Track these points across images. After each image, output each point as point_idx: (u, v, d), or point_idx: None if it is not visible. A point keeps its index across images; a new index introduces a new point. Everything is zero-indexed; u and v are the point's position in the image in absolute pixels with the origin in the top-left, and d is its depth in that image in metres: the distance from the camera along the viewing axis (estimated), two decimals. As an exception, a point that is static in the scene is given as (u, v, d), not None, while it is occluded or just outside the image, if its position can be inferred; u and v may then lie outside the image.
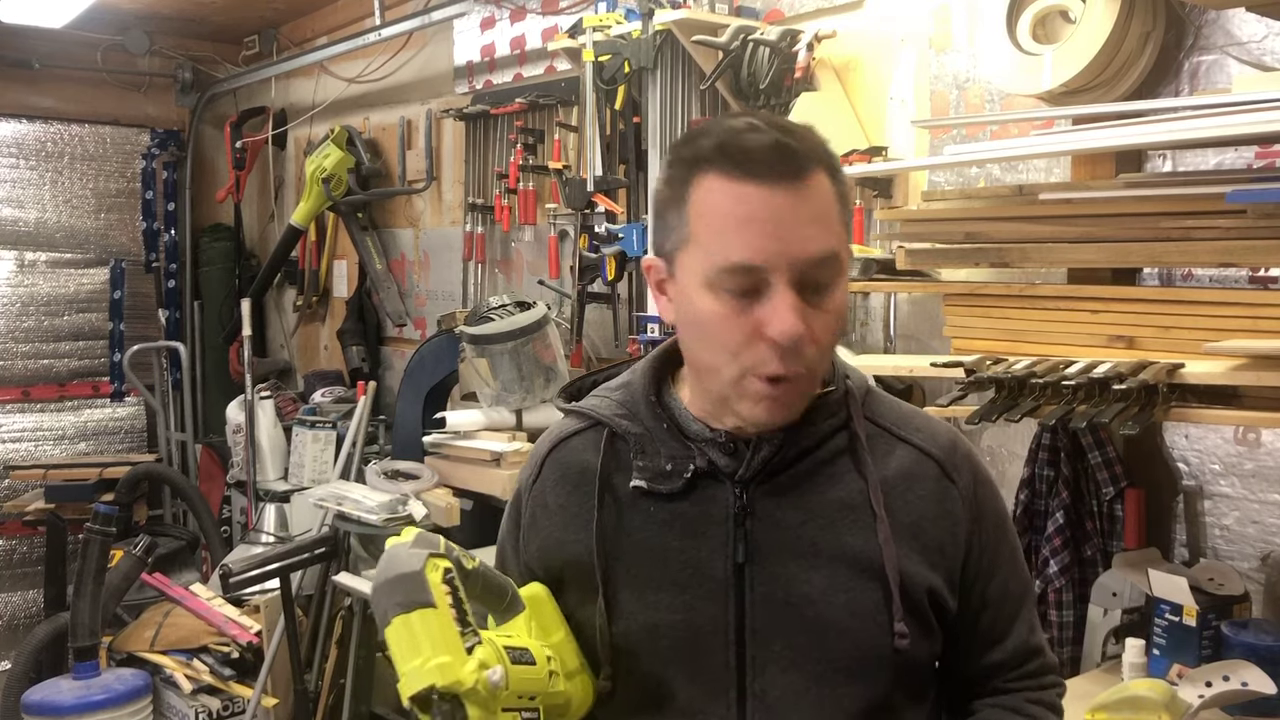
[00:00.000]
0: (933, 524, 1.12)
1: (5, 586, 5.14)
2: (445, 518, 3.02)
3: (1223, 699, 1.65)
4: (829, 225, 1.02)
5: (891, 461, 1.13)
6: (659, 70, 2.90)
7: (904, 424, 1.17)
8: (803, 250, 0.99)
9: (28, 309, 5.25)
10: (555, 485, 1.19)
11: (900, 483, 1.12)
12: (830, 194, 1.03)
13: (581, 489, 1.16)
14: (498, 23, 3.85)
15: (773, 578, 1.09)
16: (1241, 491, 2.02)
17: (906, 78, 2.55)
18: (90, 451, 5.32)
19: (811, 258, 1.00)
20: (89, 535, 3.49)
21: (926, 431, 1.17)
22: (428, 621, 0.96)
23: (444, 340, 3.57)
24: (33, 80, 5.19)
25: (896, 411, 1.19)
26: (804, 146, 1.02)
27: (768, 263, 0.99)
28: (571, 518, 1.16)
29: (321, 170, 4.47)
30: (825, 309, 1.02)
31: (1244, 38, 2.01)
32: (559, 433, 1.22)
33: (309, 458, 4.11)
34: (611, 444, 1.16)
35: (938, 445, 1.16)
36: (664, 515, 1.12)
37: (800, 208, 0.99)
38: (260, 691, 3.35)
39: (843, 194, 1.05)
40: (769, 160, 0.99)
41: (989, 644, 1.18)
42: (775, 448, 1.10)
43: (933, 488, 1.13)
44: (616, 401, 1.18)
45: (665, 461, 1.12)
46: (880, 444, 1.14)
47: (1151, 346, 1.89)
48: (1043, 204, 2.03)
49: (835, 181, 1.04)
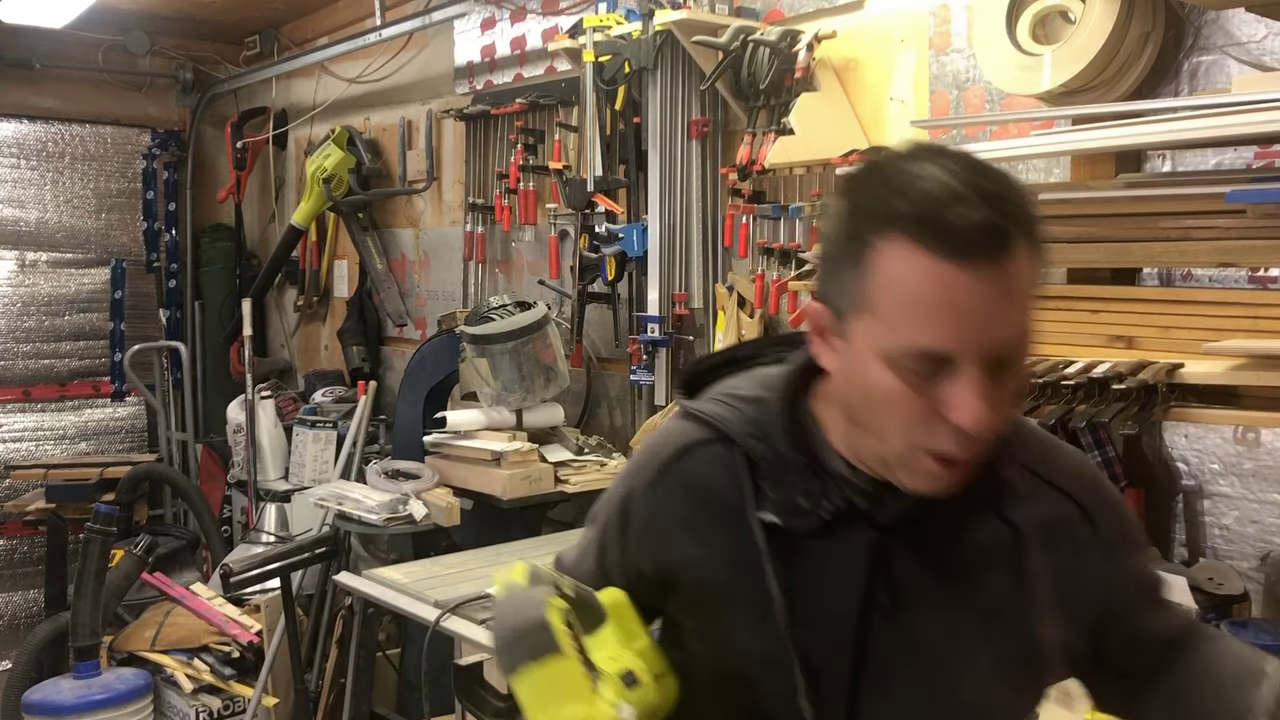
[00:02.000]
0: (1070, 572, 1.06)
1: (6, 586, 5.14)
2: (445, 518, 3.02)
3: (1222, 698, 1.65)
4: (1025, 303, 0.92)
5: (1033, 506, 1.05)
6: (659, 70, 2.90)
7: (1045, 463, 1.08)
8: (996, 336, 0.90)
9: (29, 309, 5.26)
10: (680, 496, 1.10)
11: (1042, 530, 1.05)
12: (1029, 266, 0.91)
13: (707, 508, 1.08)
14: (498, 23, 3.85)
15: (902, 628, 1.03)
16: (1241, 491, 2.02)
17: (906, 78, 2.55)
18: (91, 451, 5.32)
19: (1005, 341, 0.91)
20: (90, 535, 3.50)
21: (1069, 472, 1.10)
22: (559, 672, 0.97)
23: (444, 340, 3.57)
24: (33, 80, 5.19)
25: (1037, 446, 1.10)
26: (1010, 218, 0.90)
27: (960, 349, 0.90)
28: (700, 535, 1.09)
29: (322, 170, 4.48)
30: (1008, 386, 0.93)
31: (1243, 38, 2.01)
32: (683, 439, 1.12)
33: (309, 457, 4.11)
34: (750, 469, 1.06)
35: (1079, 487, 1.09)
36: (790, 550, 1.04)
37: (1002, 292, 0.89)
38: (261, 691, 3.36)
39: (1039, 257, 0.93)
40: (975, 241, 0.88)
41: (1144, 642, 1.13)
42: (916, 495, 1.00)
43: (1073, 534, 1.07)
44: (750, 419, 1.08)
45: (800, 496, 1.03)
46: (1024, 488, 1.05)
47: (1151, 346, 1.89)
48: (1042, 204, 2.03)
49: (1033, 246, 0.92)
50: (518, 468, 2.99)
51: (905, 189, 0.90)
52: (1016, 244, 0.89)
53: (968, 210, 0.88)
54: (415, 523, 3.00)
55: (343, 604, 3.36)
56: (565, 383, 3.20)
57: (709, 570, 1.07)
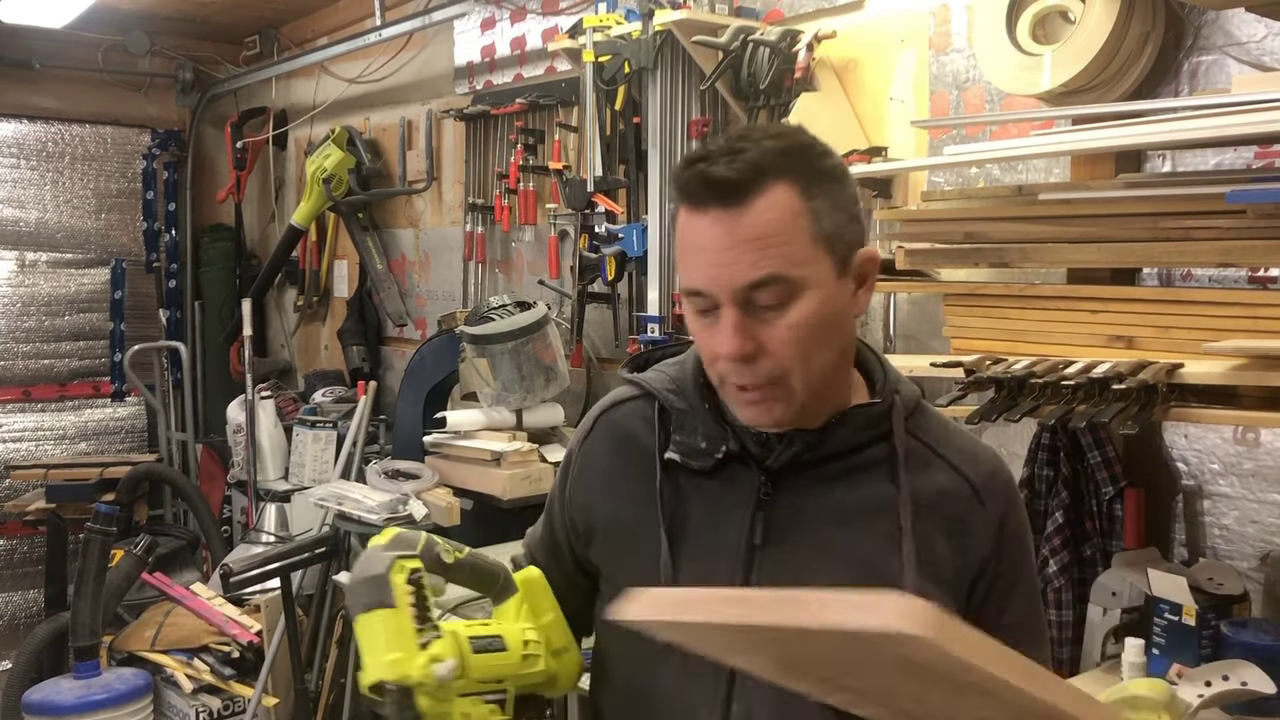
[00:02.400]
0: (949, 544, 1.12)
1: (5, 586, 5.14)
2: (445, 517, 3.02)
3: (1222, 699, 1.65)
4: (771, 247, 1.03)
5: (925, 478, 1.14)
6: (659, 70, 2.90)
7: (946, 443, 1.17)
8: (735, 277, 1.03)
9: (28, 309, 5.26)
10: (603, 445, 1.26)
11: (928, 499, 1.13)
12: (785, 210, 1.03)
13: (625, 454, 1.22)
14: (498, 23, 3.85)
15: (781, 565, 1.12)
16: (1241, 491, 2.02)
17: (906, 78, 2.55)
18: (91, 451, 5.32)
19: (747, 283, 1.03)
20: (89, 535, 3.49)
21: (968, 454, 1.17)
22: (385, 621, 1.06)
23: (444, 340, 3.57)
24: (33, 80, 5.19)
25: (943, 430, 1.19)
26: (752, 168, 1.03)
27: (711, 288, 1.05)
28: (616, 480, 1.22)
29: (322, 170, 4.48)
30: (780, 324, 1.04)
31: (1243, 38, 2.01)
32: (614, 397, 1.29)
33: (309, 457, 4.11)
34: (663, 417, 1.21)
35: (976, 469, 1.16)
36: (691, 490, 1.17)
37: (736, 233, 1.03)
38: (261, 691, 3.36)
39: (817, 205, 1.05)
40: (705, 190, 1.04)
41: None
42: (807, 445, 1.12)
43: (959, 509, 1.13)
44: (670, 377, 1.23)
45: (701, 440, 1.16)
46: (918, 459, 1.15)
47: (1151, 346, 1.89)
48: (1042, 204, 2.03)
49: (805, 193, 1.04)
50: (518, 468, 2.99)
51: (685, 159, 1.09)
52: (759, 190, 1.03)
53: (705, 165, 1.04)
54: (415, 523, 3.00)
55: (343, 604, 3.35)
56: (565, 383, 3.20)
57: (619, 510, 1.21)
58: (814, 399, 1.10)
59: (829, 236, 1.06)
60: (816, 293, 1.05)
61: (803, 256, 1.04)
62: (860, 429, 1.13)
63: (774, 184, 1.03)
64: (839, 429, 1.13)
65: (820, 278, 1.05)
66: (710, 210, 1.04)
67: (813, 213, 1.05)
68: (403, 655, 1.05)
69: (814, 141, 1.10)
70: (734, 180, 1.03)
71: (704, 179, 1.04)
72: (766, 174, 1.03)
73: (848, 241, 1.08)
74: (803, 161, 1.06)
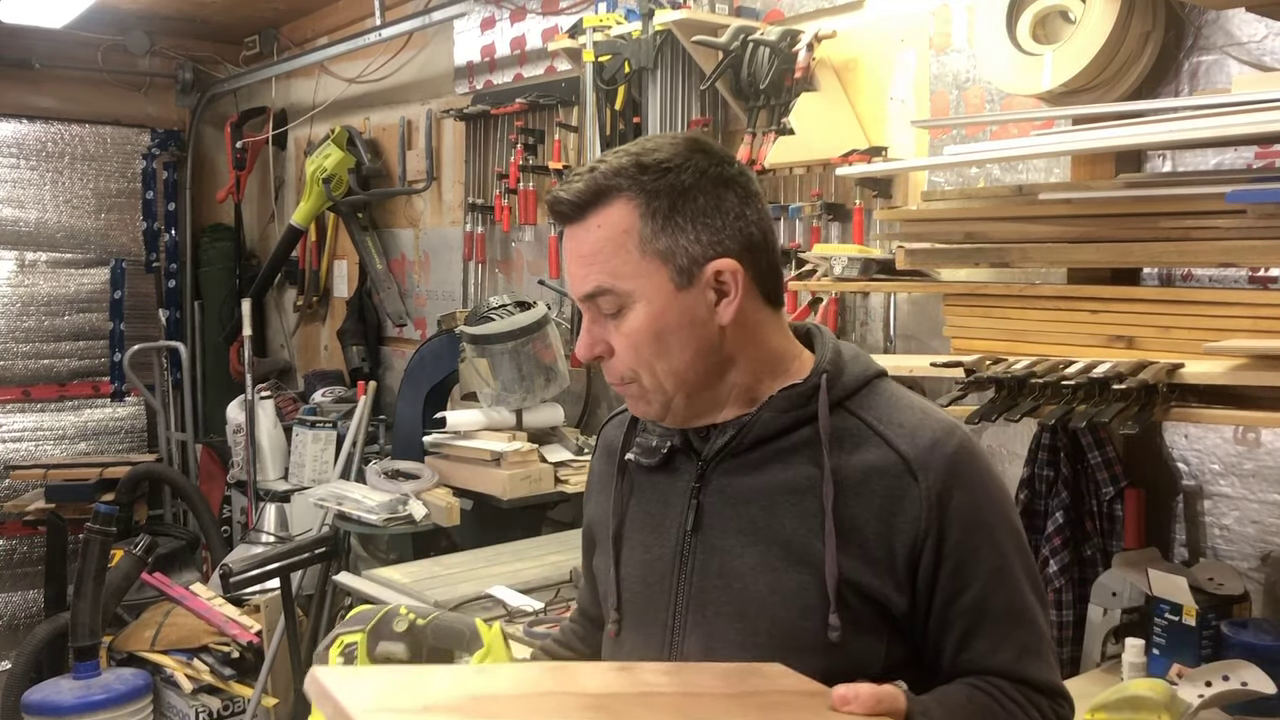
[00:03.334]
0: (880, 522, 1.10)
1: (5, 586, 5.14)
2: (445, 518, 3.02)
3: (1222, 699, 1.65)
4: (596, 262, 1.13)
5: (856, 456, 1.12)
6: (659, 70, 2.90)
7: (887, 420, 1.14)
8: (577, 289, 1.16)
9: (28, 309, 5.25)
10: (598, 458, 1.36)
11: (856, 477, 1.11)
12: (613, 229, 1.12)
13: (608, 462, 1.31)
14: (498, 23, 3.85)
15: (711, 549, 1.17)
16: (1241, 491, 2.02)
17: (906, 78, 2.55)
18: (90, 451, 5.32)
19: (582, 294, 1.15)
20: (89, 535, 3.49)
21: (908, 428, 1.13)
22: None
23: (444, 340, 3.57)
24: (33, 80, 5.19)
25: (889, 407, 1.16)
26: (585, 189, 1.13)
27: (572, 293, 1.18)
28: (602, 486, 1.32)
29: (322, 170, 4.48)
30: (619, 332, 1.14)
31: (1244, 38, 2.01)
32: (612, 413, 1.39)
33: (309, 457, 4.11)
34: (634, 425, 1.30)
35: (913, 443, 1.11)
36: (646, 484, 1.25)
37: (572, 250, 1.15)
38: (260, 691, 3.36)
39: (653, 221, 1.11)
40: (555, 212, 1.16)
41: (960, 664, 1.11)
42: (733, 433, 1.17)
43: (889, 485, 1.10)
44: None
45: (654, 439, 1.24)
46: (852, 438, 1.14)
47: (1151, 346, 1.89)
48: (1043, 204, 2.03)
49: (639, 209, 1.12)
50: (518, 468, 2.99)
51: None
52: (594, 207, 1.12)
53: (563, 186, 1.15)
54: (415, 523, 3.00)
55: (342, 604, 3.35)
56: (565, 383, 3.20)
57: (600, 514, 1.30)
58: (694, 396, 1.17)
59: (662, 251, 1.12)
60: (648, 304, 1.13)
61: (629, 270, 1.12)
62: (783, 411, 1.16)
63: (609, 203, 1.12)
64: (762, 413, 1.16)
65: (651, 290, 1.12)
66: (564, 227, 1.16)
67: (644, 228, 1.12)
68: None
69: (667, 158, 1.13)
70: (568, 201, 1.14)
71: (552, 202, 1.16)
72: (601, 195, 1.12)
73: (690, 255, 1.12)
74: (642, 178, 1.12)
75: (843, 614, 1.08)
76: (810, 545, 1.11)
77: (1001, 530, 1.13)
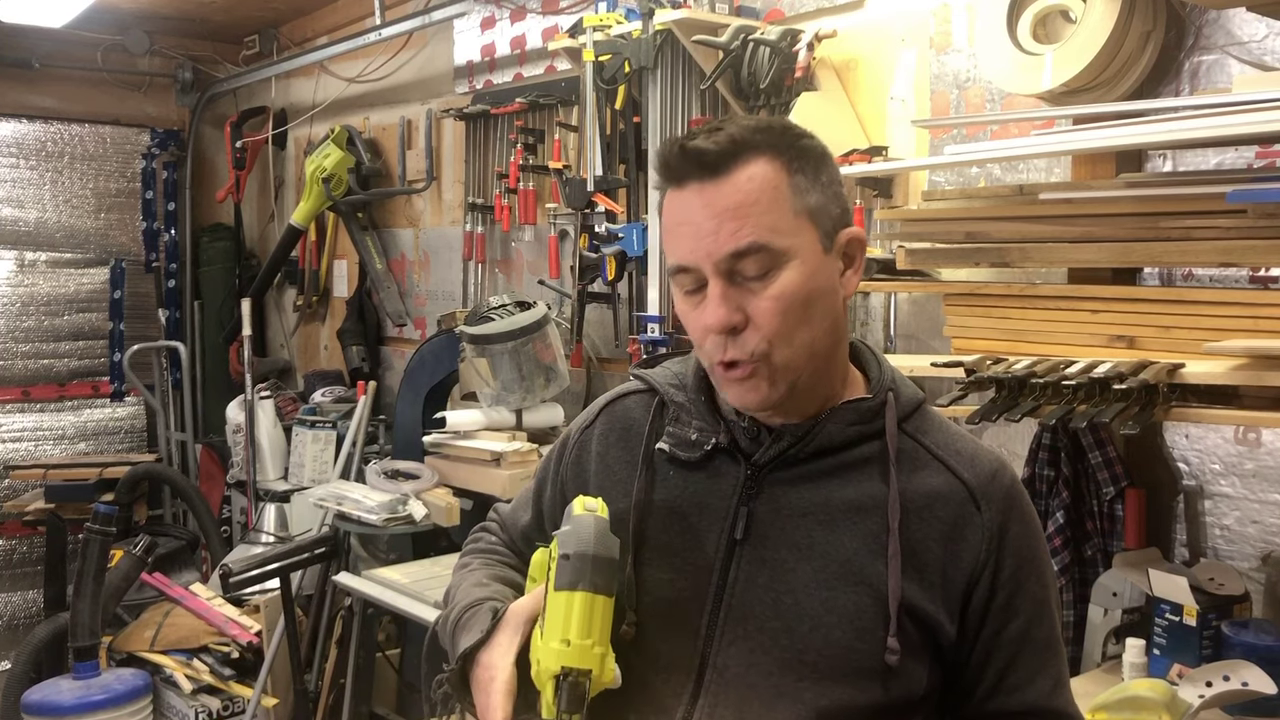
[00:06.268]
0: (941, 548, 1.09)
1: (5, 586, 5.14)
2: (445, 518, 3.02)
3: (1223, 699, 1.65)
4: (751, 216, 1.04)
5: (917, 479, 1.11)
6: (659, 70, 2.89)
7: (944, 445, 1.14)
8: (718, 247, 1.04)
9: (28, 309, 5.25)
10: (603, 434, 1.26)
11: (920, 501, 1.10)
12: (765, 181, 1.05)
13: (624, 443, 1.23)
14: (498, 22, 3.85)
15: (760, 561, 1.10)
16: (1242, 491, 2.02)
17: (906, 78, 2.55)
18: (90, 451, 5.32)
19: (729, 252, 1.04)
20: (89, 535, 3.49)
21: (966, 456, 1.13)
22: (603, 610, 1.04)
23: (444, 340, 3.57)
24: (33, 80, 5.19)
25: (943, 433, 1.16)
26: (729, 141, 1.05)
27: (694, 261, 1.06)
28: (610, 469, 1.22)
29: (321, 170, 4.47)
30: (765, 294, 1.05)
31: (1244, 37, 2.01)
32: (621, 390, 1.30)
33: (309, 457, 4.11)
34: (661, 410, 1.22)
35: (974, 472, 1.12)
36: (678, 482, 1.17)
37: (717, 204, 1.04)
38: (260, 691, 3.36)
39: (798, 179, 1.06)
40: (685, 163, 1.06)
41: (999, 693, 1.11)
42: (795, 439, 1.12)
43: (954, 512, 1.10)
44: (673, 372, 1.24)
45: (693, 432, 1.17)
46: (913, 460, 1.12)
47: (1152, 346, 1.89)
48: (1043, 204, 2.03)
49: (786, 167, 1.06)
50: (518, 468, 2.99)
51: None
52: (738, 162, 1.05)
53: (684, 143, 1.07)
54: (415, 523, 3.00)
55: (342, 604, 3.35)
56: (565, 383, 3.19)
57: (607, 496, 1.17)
58: (803, 386, 1.09)
59: (812, 210, 1.07)
60: (801, 264, 1.05)
61: (785, 227, 1.05)
62: (850, 424, 1.12)
63: (754, 157, 1.05)
64: (828, 424, 1.11)
65: (804, 250, 1.06)
66: (690, 184, 1.06)
67: (794, 185, 1.06)
68: (607, 653, 1.03)
69: (794, 125, 1.12)
70: (713, 151, 1.05)
71: (683, 151, 1.06)
72: (745, 147, 1.05)
73: (832, 218, 1.09)
74: (782, 139, 1.07)
75: (899, 637, 1.06)
76: (870, 565, 1.07)
77: (1044, 562, 1.15)
